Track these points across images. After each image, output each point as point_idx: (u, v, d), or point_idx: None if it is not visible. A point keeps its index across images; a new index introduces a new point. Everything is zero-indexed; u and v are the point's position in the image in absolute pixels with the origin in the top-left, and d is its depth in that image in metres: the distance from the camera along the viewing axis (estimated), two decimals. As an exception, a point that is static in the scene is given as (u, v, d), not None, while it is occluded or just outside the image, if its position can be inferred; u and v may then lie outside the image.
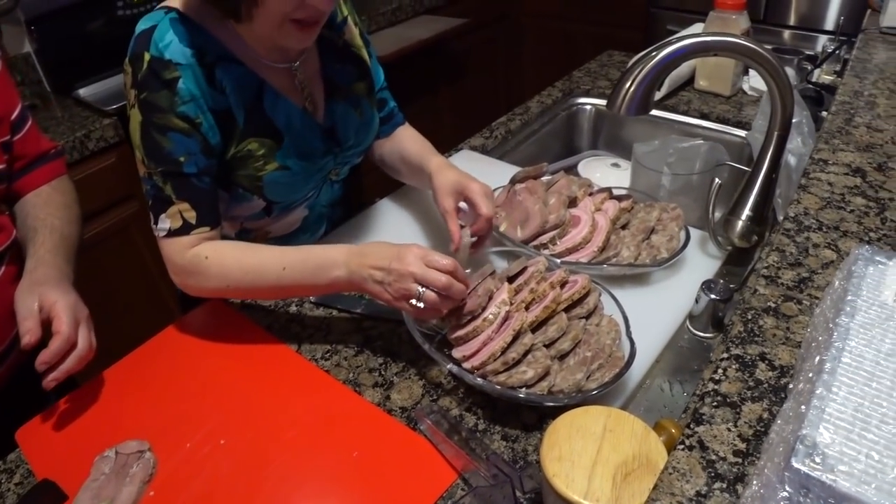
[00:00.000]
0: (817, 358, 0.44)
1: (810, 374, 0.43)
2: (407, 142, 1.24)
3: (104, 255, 1.89)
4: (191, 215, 0.96)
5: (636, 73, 0.97)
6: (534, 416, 0.84)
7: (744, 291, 0.98)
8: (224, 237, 1.14)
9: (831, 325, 0.46)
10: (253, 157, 1.01)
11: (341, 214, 1.30)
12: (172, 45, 0.91)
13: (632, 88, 0.98)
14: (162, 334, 1.07)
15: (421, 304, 0.84)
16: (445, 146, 1.16)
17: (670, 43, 0.98)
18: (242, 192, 1.04)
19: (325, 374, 0.94)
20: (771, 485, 0.37)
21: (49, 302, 0.91)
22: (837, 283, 0.52)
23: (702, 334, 0.98)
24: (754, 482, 0.39)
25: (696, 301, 0.98)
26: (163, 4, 0.96)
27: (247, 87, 0.98)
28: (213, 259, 0.95)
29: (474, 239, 1.03)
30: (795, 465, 0.36)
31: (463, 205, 1.06)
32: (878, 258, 0.53)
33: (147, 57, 0.91)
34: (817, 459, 0.36)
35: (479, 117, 2.06)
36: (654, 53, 0.97)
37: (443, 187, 1.06)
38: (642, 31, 2.92)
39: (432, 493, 0.76)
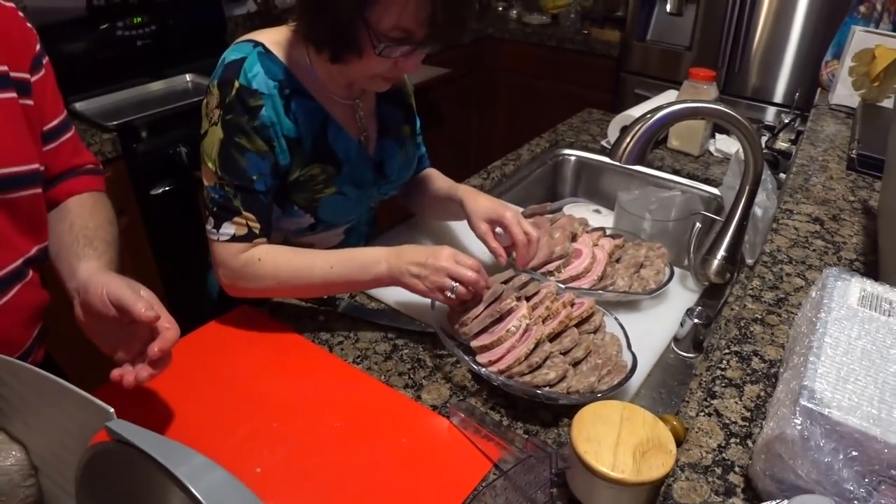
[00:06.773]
0: (807, 340, 0.60)
1: (803, 351, 0.59)
2: (434, 178, 1.38)
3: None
4: (255, 226, 1.07)
5: (636, 130, 1.14)
6: (549, 414, 0.96)
7: (719, 319, 1.15)
8: None
9: (814, 320, 0.63)
10: (314, 181, 1.12)
11: (374, 232, 1.44)
12: (259, 77, 1.02)
13: (631, 143, 1.15)
14: (193, 335, 1.11)
15: (452, 296, 1.00)
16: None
17: (663, 107, 1.15)
18: (297, 209, 1.15)
19: (361, 372, 1.03)
20: (786, 417, 0.52)
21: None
22: (814, 293, 0.69)
23: (685, 354, 1.14)
24: (770, 422, 0.54)
25: (681, 325, 1.13)
26: (248, 38, 1.06)
27: (314, 119, 1.10)
28: (267, 260, 1.07)
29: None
30: (803, 402, 0.52)
31: (499, 229, 1.19)
32: (843, 276, 0.71)
33: (236, 84, 1.01)
34: (817, 398, 0.52)
35: (452, 160, 2.21)
36: (649, 115, 1.15)
37: (476, 212, 1.19)
38: (610, 92, 3.11)
39: (471, 479, 0.86)
